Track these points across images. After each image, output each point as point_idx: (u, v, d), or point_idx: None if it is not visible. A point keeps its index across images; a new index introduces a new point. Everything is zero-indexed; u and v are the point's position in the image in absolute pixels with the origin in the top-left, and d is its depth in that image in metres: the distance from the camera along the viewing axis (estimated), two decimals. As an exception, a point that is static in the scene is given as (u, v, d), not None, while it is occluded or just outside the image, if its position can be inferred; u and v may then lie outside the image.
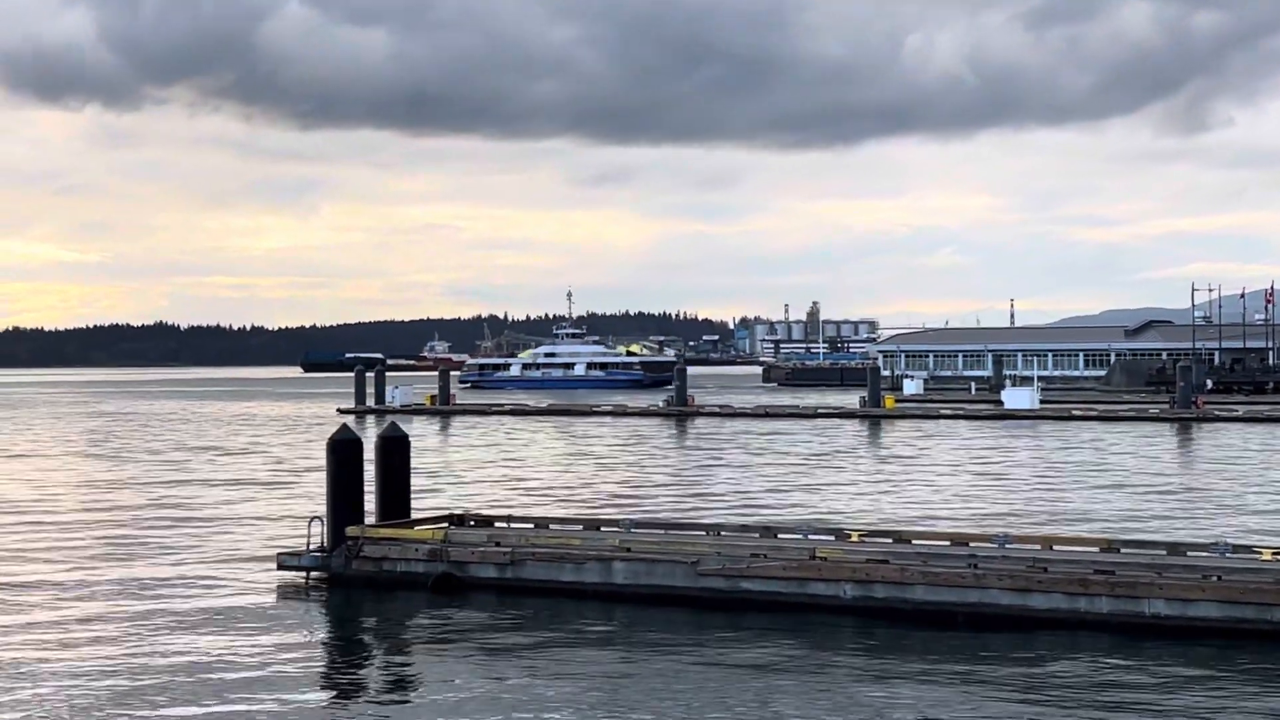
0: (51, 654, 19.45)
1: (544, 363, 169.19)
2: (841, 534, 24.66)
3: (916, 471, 48.53)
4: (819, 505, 37.96)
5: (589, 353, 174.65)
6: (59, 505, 39.36)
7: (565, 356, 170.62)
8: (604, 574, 23.32)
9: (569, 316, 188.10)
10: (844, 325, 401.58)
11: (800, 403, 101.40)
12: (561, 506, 37.41)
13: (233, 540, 31.39)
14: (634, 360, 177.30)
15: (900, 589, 21.34)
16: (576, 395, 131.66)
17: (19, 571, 26.99)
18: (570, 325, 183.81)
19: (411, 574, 24.39)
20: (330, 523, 25.45)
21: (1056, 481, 44.11)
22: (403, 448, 26.57)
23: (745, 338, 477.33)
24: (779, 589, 22.09)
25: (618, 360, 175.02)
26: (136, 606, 23.09)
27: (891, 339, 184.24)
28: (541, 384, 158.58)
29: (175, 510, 37.73)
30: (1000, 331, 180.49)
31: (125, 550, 29.81)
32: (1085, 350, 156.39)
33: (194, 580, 25.75)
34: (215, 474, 50.06)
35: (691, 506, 38.04)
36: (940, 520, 33.74)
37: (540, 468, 51.94)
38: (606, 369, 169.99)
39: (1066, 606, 20.36)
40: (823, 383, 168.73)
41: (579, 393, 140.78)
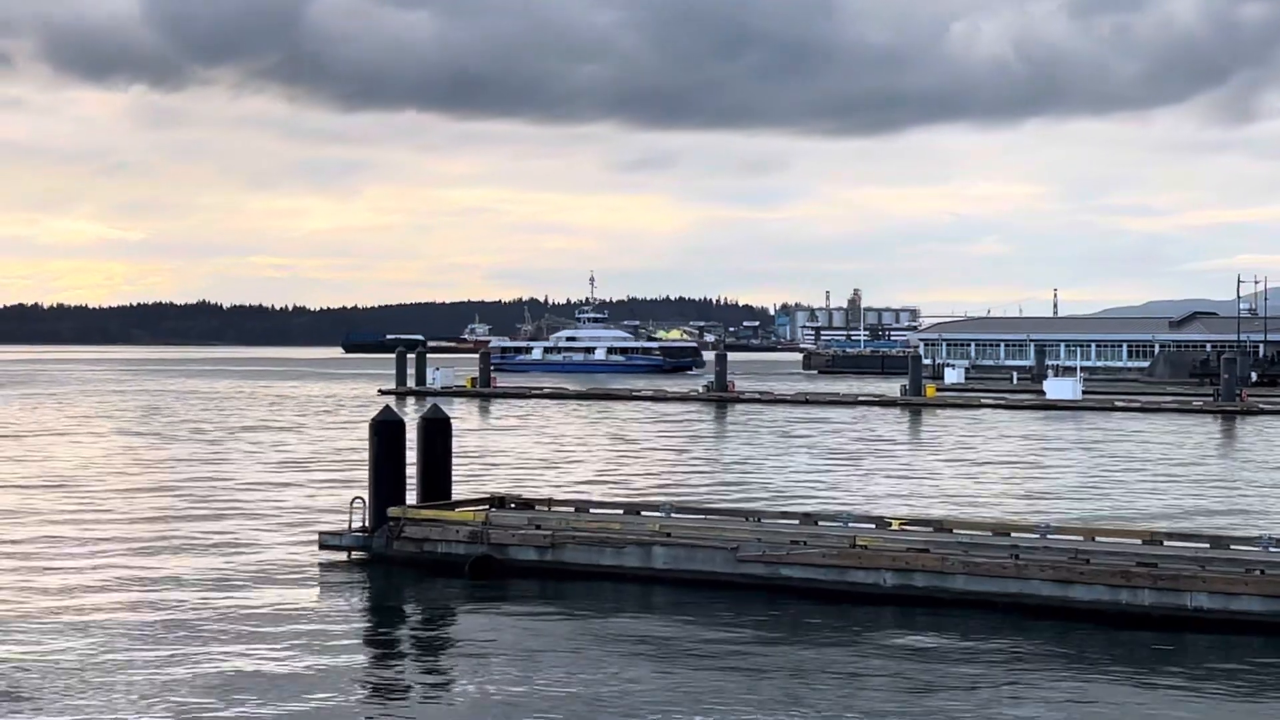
0: (93, 628, 19.60)
1: (565, 346, 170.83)
2: (882, 522, 24.61)
3: (957, 460, 48.37)
4: (858, 493, 37.89)
5: (610, 337, 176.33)
6: (100, 483, 39.65)
7: (586, 341, 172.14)
8: (643, 558, 23.35)
9: (592, 301, 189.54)
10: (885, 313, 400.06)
11: (840, 390, 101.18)
12: (601, 490, 37.45)
13: (275, 519, 31.58)
14: (653, 345, 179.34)
15: (941, 578, 21.29)
16: (596, 379, 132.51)
17: (61, 544, 27.21)
18: (593, 310, 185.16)
19: (452, 555, 24.47)
20: (372, 503, 25.58)
21: (1099, 473, 43.89)
22: (444, 429, 26.67)
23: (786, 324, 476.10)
24: (818, 576, 22.07)
25: (637, 345, 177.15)
26: (178, 584, 23.25)
27: (933, 327, 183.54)
28: (562, 368, 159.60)
29: (217, 489, 37.97)
30: (1043, 321, 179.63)
31: (168, 528, 30.01)
32: (1129, 341, 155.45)
33: (235, 559, 25.91)
34: (257, 453, 50.34)
35: (731, 492, 38.02)
36: (981, 510, 33.64)
37: (580, 451, 52.01)
38: (626, 354, 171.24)
39: (1108, 598, 20.27)
40: (863, 370, 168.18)
41: (599, 376, 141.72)
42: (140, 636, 19.15)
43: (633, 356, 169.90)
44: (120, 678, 16.88)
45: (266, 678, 16.98)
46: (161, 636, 19.17)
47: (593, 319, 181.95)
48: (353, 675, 17.41)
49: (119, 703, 15.82)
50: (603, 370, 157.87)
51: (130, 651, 18.24)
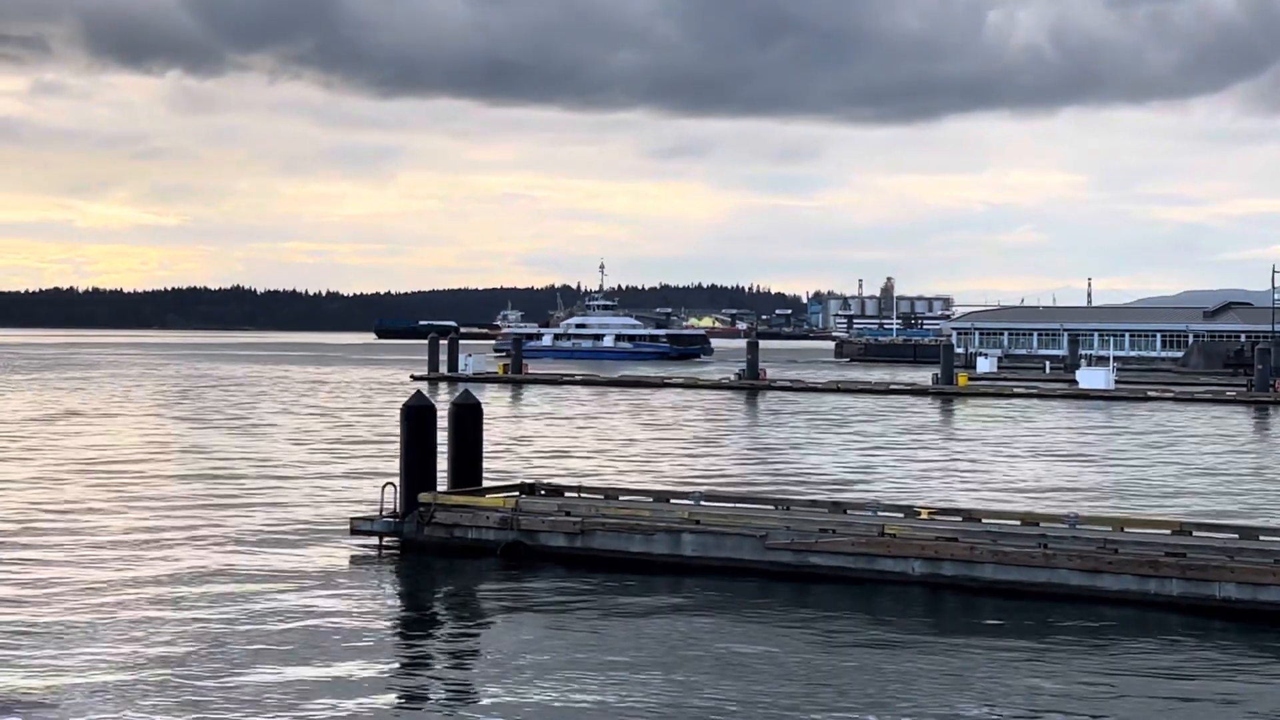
0: (124, 611, 19.82)
1: (575, 333, 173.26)
2: (911, 511, 24.65)
3: (988, 450, 48.32)
4: (888, 481, 37.91)
5: (618, 324, 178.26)
6: (136, 466, 39.95)
7: (595, 328, 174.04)
8: (673, 546, 23.45)
9: (601, 288, 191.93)
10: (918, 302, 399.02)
11: (872, 379, 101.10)
12: (631, 478, 37.56)
13: (306, 504, 31.78)
14: (660, 333, 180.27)
15: (969, 567, 21.34)
16: (604, 365, 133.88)
17: (95, 528, 27.47)
18: (603, 297, 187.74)
19: (482, 541, 24.62)
20: (403, 489, 25.73)
21: (1129, 463, 43.80)
22: (476, 416, 26.80)
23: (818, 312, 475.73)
24: (847, 564, 22.15)
25: (644, 332, 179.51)
26: (211, 567, 23.46)
27: (966, 316, 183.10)
28: (571, 354, 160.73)
29: (250, 473, 38.22)
30: (1076, 311, 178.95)
31: (201, 512, 30.25)
32: (1162, 331, 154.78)
33: (267, 543, 26.12)
34: (290, 438, 50.62)
35: (760, 480, 38.09)
36: (1011, 499, 33.62)
37: (610, 438, 52.12)
38: (634, 340, 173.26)
39: (1137, 588, 20.30)
40: (896, 359, 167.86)
41: (606, 362, 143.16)
42: (166, 620, 19.33)
43: (640, 343, 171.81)
44: (143, 661, 17.06)
45: (297, 663, 17.13)
46: (191, 622, 19.35)
47: (603, 306, 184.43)
48: (383, 659, 17.57)
49: (146, 686, 15.99)
50: (610, 357, 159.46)
51: (156, 634, 18.43)
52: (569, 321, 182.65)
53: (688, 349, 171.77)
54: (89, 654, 17.32)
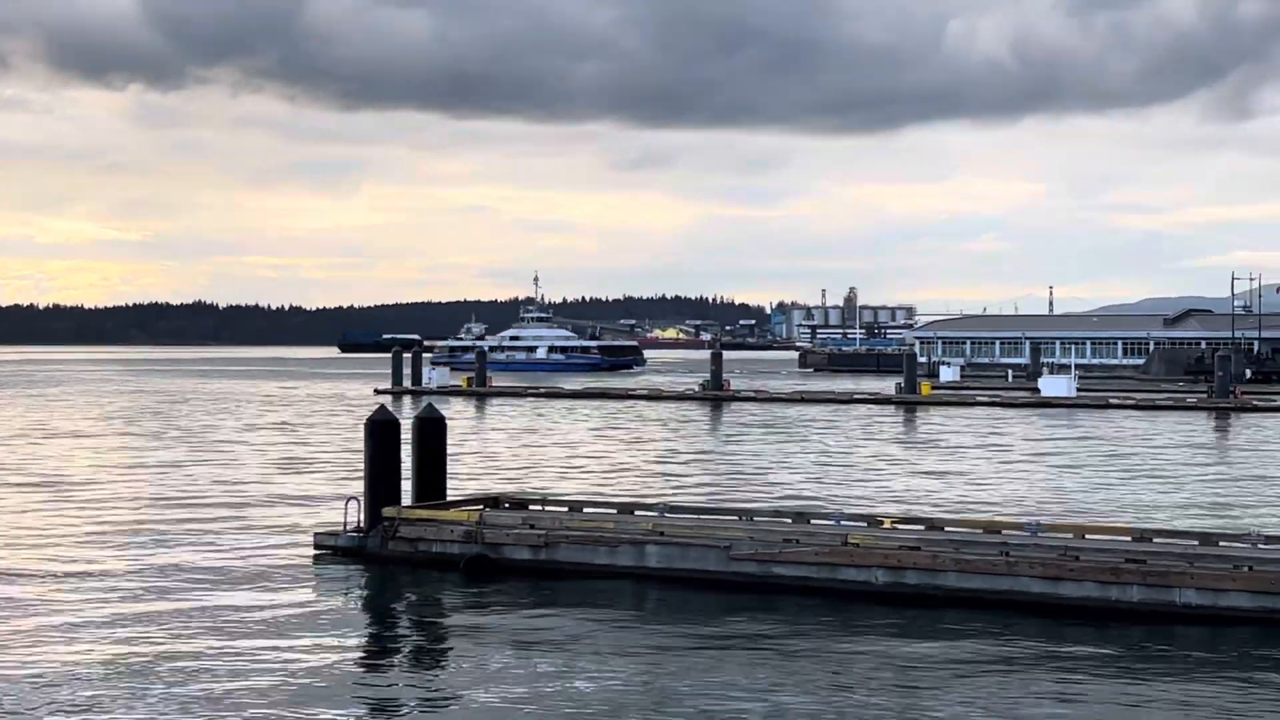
0: (87, 625, 19.74)
1: (509, 345, 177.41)
2: (874, 520, 24.75)
3: (950, 458, 48.53)
4: (852, 491, 38.03)
5: (552, 336, 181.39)
6: (96, 482, 39.76)
7: (529, 340, 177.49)
8: (637, 557, 23.50)
9: (537, 300, 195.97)
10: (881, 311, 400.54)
11: (836, 388, 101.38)
12: (595, 490, 37.58)
13: (270, 519, 31.69)
14: (592, 345, 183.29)
15: (932, 576, 21.46)
16: (538, 377, 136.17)
17: (56, 545, 27.33)
18: (537, 309, 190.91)
19: (446, 555, 24.62)
20: (367, 503, 25.72)
21: (1091, 470, 44.05)
22: (439, 429, 26.81)
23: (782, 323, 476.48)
24: (811, 574, 22.23)
25: (577, 344, 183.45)
26: (173, 582, 23.38)
27: (929, 325, 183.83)
28: (506, 366, 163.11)
29: (213, 488, 38.08)
30: (1038, 319, 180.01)
31: (163, 527, 30.12)
32: (1124, 339, 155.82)
33: (230, 558, 26.03)
34: (252, 453, 50.45)
35: (725, 491, 38.17)
36: (973, 508, 33.78)
37: (575, 451, 52.13)
38: (566, 352, 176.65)
39: (1098, 595, 20.45)
40: (859, 369, 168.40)
41: (539, 374, 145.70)
42: (132, 637, 19.26)
43: (571, 355, 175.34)
44: (111, 680, 17.00)
45: (261, 677, 17.10)
46: (155, 636, 19.28)
47: (537, 318, 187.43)
48: (347, 674, 17.55)
49: (109, 705, 15.94)
50: (543, 369, 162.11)
51: (122, 651, 18.36)
52: (504, 334, 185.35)
53: (619, 360, 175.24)
54: (45, 674, 17.23)
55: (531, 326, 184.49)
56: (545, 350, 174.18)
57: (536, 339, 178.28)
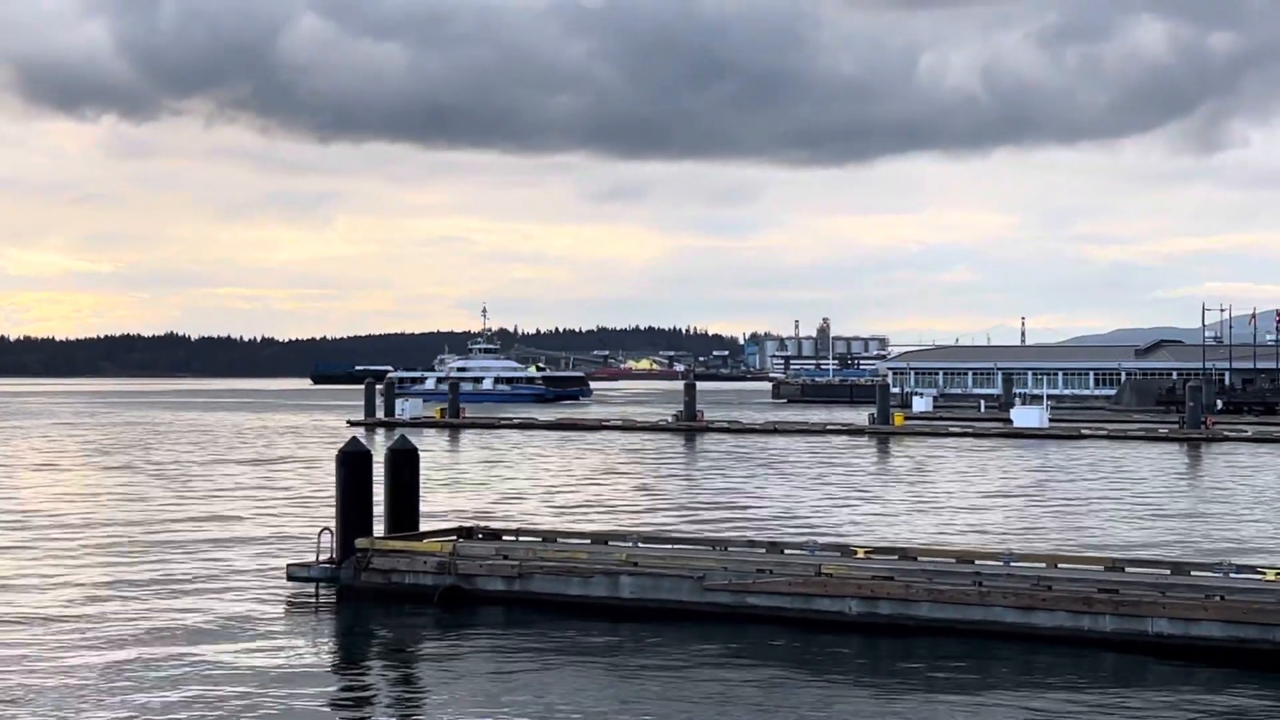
0: (58, 658, 19.61)
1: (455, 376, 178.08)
2: (847, 550, 24.77)
3: (924, 489, 48.61)
4: (826, 522, 38.06)
5: (498, 368, 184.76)
6: (68, 515, 39.54)
7: (476, 371, 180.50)
8: (611, 588, 23.46)
9: (484, 332, 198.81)
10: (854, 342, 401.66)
11: (809, 419, 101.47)
12: (569, 520, 37.53)
13: (242, 551, 31.55)
14: (537, 375, 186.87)
15: (905, 606, 21.46)
16: (484, 407, 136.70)
17: (28, 578, 27.17)
18: (484, 341, 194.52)
19: (420, 586, 24.53)
20: (340, 534, 25.62)
21: (1063, 500, 44.16)
22: (412, 460, 26.75)
23: (755, 353, 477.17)
24: (784, 604, 22.22)
25: (522, 375, 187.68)
26: (145, 615, 23.25)
27: (901, 356, 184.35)
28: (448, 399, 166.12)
29: (185, 521, 37.90)
30: (1010, 350, 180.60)
31: (134, 560, 29.97)
32: (1095, 369, 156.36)
33: (203, 590, 25.91)
34: (225, 485, 50.24)
35: (699, 522, 38.14)
36: (946, 538, 33.84)
37: (548, 482, 52.06)
38: (512, 383, 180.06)
39: (1070, 624, 20.47)
40: (832, 399, 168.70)
41: (485, 404, 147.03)
42: (102, 670, 19.15)
43: (517, 386, 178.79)
44: (81, 712, 16.89)
45: (233, 710, 17.01)
46: (126, 668, 19.18)
47: (484, 350, 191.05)
48: (320, 707, 17.47)
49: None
50: (490, 399, 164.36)
51: (93, 684, 18.25)
52: (452, 365, 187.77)
53: (564, 391, 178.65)
54: (19, 701, 17.12)
55: (478, 358, 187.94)
56: (491, 381, 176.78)
57: (483, 370, 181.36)
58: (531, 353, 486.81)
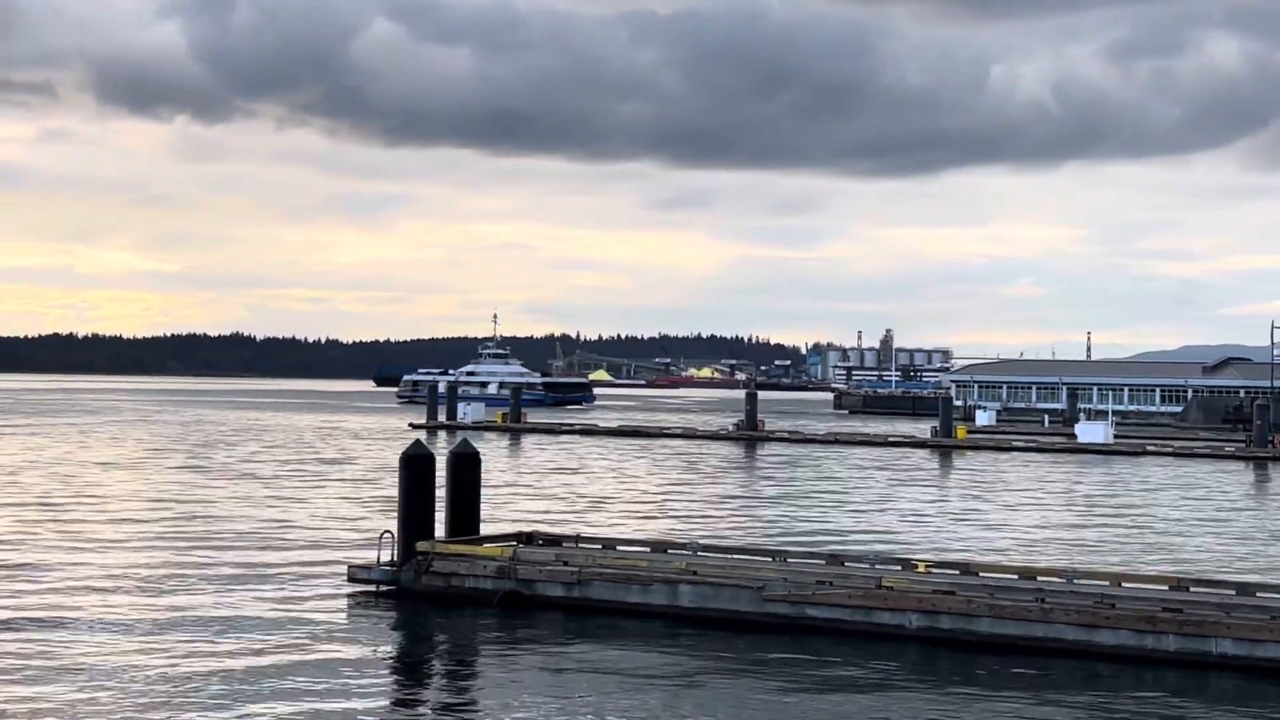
0: (123, 659, 19.81)
1: (465, 381, 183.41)
2: (908, 564, 24.67)
3: (986, 503, 48.30)
4: (886, 534, 37.90)
5: (505, 372, 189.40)
6: (134, 513, 39.94)
7: (484, 376, 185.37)
8: (670, 596, 23.45)
9: (494, 338, 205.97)
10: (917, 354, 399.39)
11: (871, 430, 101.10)
12: (628, 527, 37.55)
13: (305, 551, 31.76)
14: (538, 381, 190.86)
15: (966, 620, 21.33)
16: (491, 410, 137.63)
17: (94, 575, 27.47)
18: (494, 346, 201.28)
19: (480, 590, 24.61)
20: (401, 537, 25.74)
21: (1127, 518, 43.77)
22: (474, 464, 26.86)
23: (817, 364, 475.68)
24: (844, 616, 22.14)
25: (524, 381, 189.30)
26: (208, 615, 23.45)
27: (965, 369, 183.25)
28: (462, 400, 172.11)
29: (248, 520, 38.19)
30: (1076, 364, 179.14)
31: (199, 560, 30.23)
32: (1162, 386, 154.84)
33: (265, 591, 26.10)
34: (287, 485, 50.59)
35: (758, 531, 38.07)
36: (1008, 553, 33.61)
37: (608, 488, 52.11)
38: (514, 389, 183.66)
39: (1133, 643, 20.29)
40: (895, 411, 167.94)
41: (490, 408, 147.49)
42: (166, 670, 19.32)
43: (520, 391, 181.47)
44: (145, 710, 17.05)
45: (294, 711, 17.12)
46: (190, 668, 19.34)
47: (494, 355, 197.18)
48: (379, 709, 17.56)
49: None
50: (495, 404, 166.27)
51: (154, 684, 18.42)
52: (463, 370, 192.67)
53: (566, 396, 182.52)
54: (80, 697, 17.30)
55: (487, 363, 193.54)
56: (496, 386, 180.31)
57: (490, 375, 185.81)
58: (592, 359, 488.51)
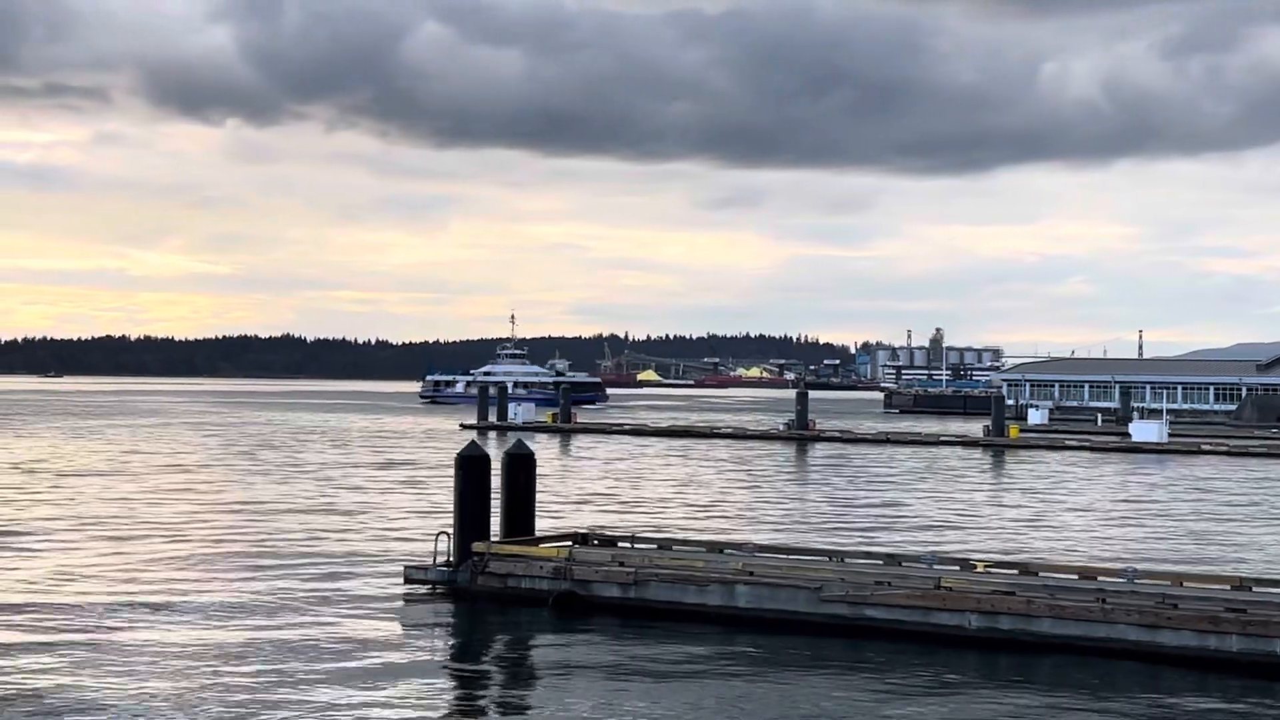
0: (176, 660, 19.90)
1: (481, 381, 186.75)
2: (967, 564, 24.51)
3: (1041, 502, 47.98)
4: (942, 534, 37.69)
5: (520, 372, 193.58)
6: (190, 515, 40.17)
7: (500, 376, 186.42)
8: (727, 597, 23.38)
9: (511, 338, 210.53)
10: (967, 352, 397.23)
11: (922, 430, 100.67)
12: (681, 527, 37.48)
13: (360, 552, 31.86)
14: (549, 380, 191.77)
15: (1026, 621, 21.16)
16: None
17: (151, 575, 27.63)
18: (512, 346, 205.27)
19: (535, 591, 24.60)
20: (456, 537, 25.78)
21: (1185, 517, 43.39)
22: (528, 465, 26.87)
23: (866, 363, 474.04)
24: (903, 617, 22.00)
25: (537, 380, 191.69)
26: (264, 615, 23.54)
27: (1016, 368, 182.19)
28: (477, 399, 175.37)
29: (303, 521, 38.36)
30: (1128, 363, 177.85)
31: (254, 560, 30.37)
32: (1215, 384, 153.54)
33: (321, 591, 26.18)
34: (341, 486, 50.79)
35: (812, 531, 37.92)
36: (1066, 553, 33.37)
37: (660, 488, 52.06)
38: (528, 388, 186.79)
39: (1196, 644, 20.07)
40: (945, 410, 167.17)
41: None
42: (224, 670, 19.40)
43: (531, 390, 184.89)
44: (199, 709, 17.11)
45: (350, 710, 17.15)
46: (246, 668, 19.42)
47: (510, 355, 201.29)
48: (435, 709, 17.56)
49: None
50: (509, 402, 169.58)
51: (209, 682, 18.49)
52: (480, 370, 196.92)
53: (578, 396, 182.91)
54: (137, 688, 17.39)
55: (504, 363, 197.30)
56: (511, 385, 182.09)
57: (506, 374, 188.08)
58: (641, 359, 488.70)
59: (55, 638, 21.32)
